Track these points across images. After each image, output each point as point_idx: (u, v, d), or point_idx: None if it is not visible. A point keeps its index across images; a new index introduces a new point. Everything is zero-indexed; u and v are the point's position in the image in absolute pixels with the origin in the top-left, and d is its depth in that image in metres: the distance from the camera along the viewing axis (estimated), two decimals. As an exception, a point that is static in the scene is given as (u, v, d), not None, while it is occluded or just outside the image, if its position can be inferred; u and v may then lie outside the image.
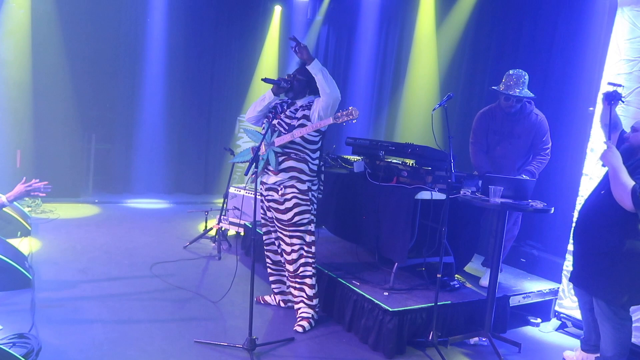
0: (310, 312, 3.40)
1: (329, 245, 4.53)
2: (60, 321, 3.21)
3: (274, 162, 3.27)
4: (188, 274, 4.30)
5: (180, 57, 7.48)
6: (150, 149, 7.47)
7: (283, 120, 3.33)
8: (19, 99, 6.18)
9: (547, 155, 3.86)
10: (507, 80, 3.75)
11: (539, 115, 3.84)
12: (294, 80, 3.33)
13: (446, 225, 3.22)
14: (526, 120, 3.82)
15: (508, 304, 3.70)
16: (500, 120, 3.88)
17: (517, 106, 3.75)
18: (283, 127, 3.31)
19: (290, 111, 3.35)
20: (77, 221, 5.70)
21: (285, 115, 3.34)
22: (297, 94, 3.35)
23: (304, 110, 3.29)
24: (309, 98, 3.36)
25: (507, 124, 3.86)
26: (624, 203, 2.71)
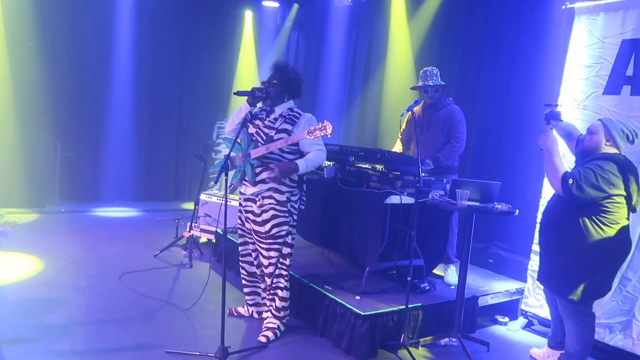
0: (276, 323, 3.36)
1: (300, 251, 4.53)
2: (25, 337, 3.12)
3: (251, 174, 3.21)
4: (159, 283, 4.24)
5: (148, 63, 7.39)
6: (118, 156, 7.34)
7: (261, 130, 3.26)
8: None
9: (457, 144, 4.10)
10: (422, 76, 4.17)
11: (455, 108, 4.16)
12: (269, 87, 3.26)
13: (415, 228, 3.28)
14: (442, 111, 4.15)
15: (477, 305, 3.79)
16: (422, 114, 4.25)
17: (436, 95, 4.12)
18: (261, 137, 3.24)
19: (269, 120, 3.28)
20: (43, 231, 5.55)
21: (264, 125, 3.27)
22: (275, 101, 3.29)
23: (285, 124, 3.21)
24: (288, 104, 3.31)
25: (427, 116, 4.23)
26: (554, 185, 2.84)
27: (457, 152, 4.10)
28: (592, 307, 3.06)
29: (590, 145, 2.93)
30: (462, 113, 4.14)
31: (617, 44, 3.46)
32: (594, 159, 2.85)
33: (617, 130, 2.88)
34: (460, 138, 4.08)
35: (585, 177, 2.73)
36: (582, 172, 2.76)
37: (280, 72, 3.29)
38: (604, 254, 2.85)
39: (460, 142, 4.08)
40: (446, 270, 4.11)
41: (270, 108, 3.34)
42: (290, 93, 3.33)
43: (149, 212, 7.06)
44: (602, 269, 2.90)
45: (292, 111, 3.29)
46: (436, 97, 4.15)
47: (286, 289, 3.38)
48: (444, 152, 4.08)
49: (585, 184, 2.73)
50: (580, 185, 2.73)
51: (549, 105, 3.11)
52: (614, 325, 3.40)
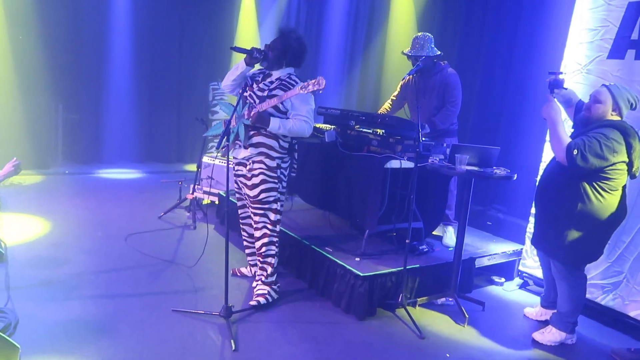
0: (266, 289, 3.38)
1: (302, 214, 4.61)
2: (36, 295, 3.24)
3: (244, 136, 3.20)
4: (163, 244, 4.34)
5: (148, 23, 7.27)
6: (120, 118, 7.34)
7: (255, 93, 3.25)
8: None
9: (453, 107, 4.10)
10: (412, 43, 4.15)
11: (451, 72, 4.13)
12: (268, 50, 3.22)
13: (415, 192, 3.33)
14: (437, 76, 4.11)
15: (474, 266, 3.88)
16: (417, 81, 4.21)
17: (420, 64, 4.01)
18: (254, 99, 3.23)
19: (264, 84, 3.25)
20: (48, 193, 5.63)
21: (258, 88, 3.25)
22: (272, 65, 3.25)
23: (279, 90, 3.17)
24: (287, 70, 3.27)
25: (422, 82, 4.18)
26: (558, 155, 2.85)
27: (453, 115, 4.10)
28: (585, 270, 3.15)
29: (596, 113, 2.89)
30: (458, 76, 4.11)
31: (623, 6, 3.40)
32: (597, 127, 2.83)
33: (624, 99, 2.86)
34: (455, 102, 4.07)
35: (590, 146, 2.73)
36: (586, 142, 2.74)
37: (283, 38, 3.23)
38: (601, 219, 2.90)
39: (455, 105, 4.08)
40: (445, 232, 4.19)
41: (267, 71, 3.32)
42: (289, 61, 3.27)
43: (151, 173, 7.13)
44: (598, 234, 2.96)
45: (289, 78, 3.23)
46: (429, 64, 4.09)
47: (276, 255, 3.41)
48: (440, 116, 4.08)
49: (590, 153, 2.72)
50: (584, 155, 2.73)
51: (553, 73, 3.07)
52: (606, 286, 3.50)
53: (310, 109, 3.22)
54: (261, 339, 2.97)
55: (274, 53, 3.22)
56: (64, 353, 2.65)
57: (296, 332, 3.08)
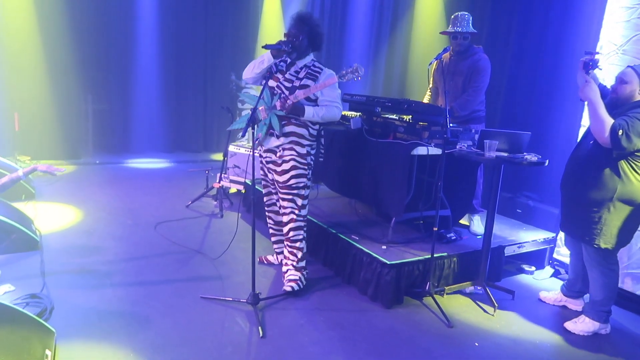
0: (297, 275, 3.41)
1: (328, 202, 4.60)
2: (70, 281, 3.33)
3: (278, 126, 3.19)
4: (192, 233, 4.40)
5: (174, 13, 7.35)
6: (148, 108, 7.46)
7: (282, 84, 3.23)
8: (16, 62, 6.12)
9: (474, 93, 3.98)
10: (453, 21, 4.05)
11: (482, 56, 4.01)
12: (295, 41, 3.18)
13: (442, 179, 3.28)
14: (469, 59, 4.02)
15: (503, 254, 3.81)
16: (449, 62, 4.14)
17: (465, 43, 3.99)
18: (282, 90, 3.21)
19: (290, 74, 3.24)
20: (80, 183, 5.77)
21: (284, 78, 3.23)
22: (300, 55, 3.24)
23: (307, 79, 3.17)
24: (310, 56, 3.27)
25: (453, 64, 4.11)
26: (601, 137, 2.78)
27: (472, 102, 3.98)
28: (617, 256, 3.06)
29: (624, 94, 2.85)
30: (489, 62, 3.99)
31: (663, -18, 3.24)
32: (634, 108, 2.78)
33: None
34: (478, 87, 3.95)
35: (633, 127, 2.71)
36: (628, 122, 2.72)
37: (308, 26, 3.19)
38: (636, 200, 2.85)
39: (477, 91, 3.96)
40: (471, 220, 4.12)
41: (291, 60, 3.28)
42: (314, 47, 3.27)
43: (179, 163, 7.23)
44: (633, 216, 2.90)
45: (314, 66, 3.23)
46: (465, 44, 4.01)
47: (304, 239, 3.44)
48: (459, 102, 3.99)
49: (634, 134, 2.71)
50: (629, 135, 2.71)
51: (589, 53, 2.95)
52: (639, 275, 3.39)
53: (339, 93, 3.25)
54: (288, 326, 2.99)
55: (300, 44, 3.19)
56: (98, 338, 2.72)
57: (322, 320, 3.08)
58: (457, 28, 3.98)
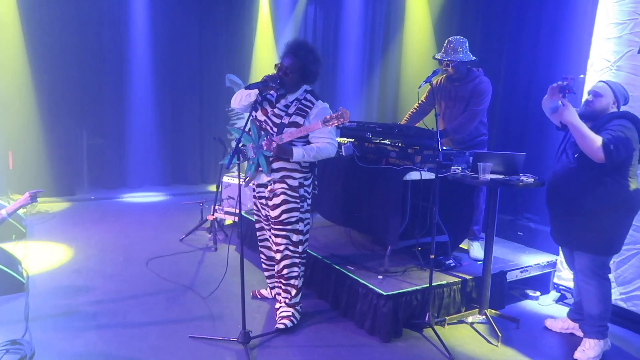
0: (290, 311, 3.26)
1: (323, 231, 4.49)
2: (55, 324, 3.20)
3: (266, 167, 3.07)
4: (183, 268, 4.28)
5: (167, 47, 7.40)
6: (143, 141, 7.43)
7: (270, 119, 3.08)
8: (8, 99, 6.13)
9: (471, 115, 3.86)
10: (446, 46, 3.91)
11: (482, 80, 3.91)
12: (285, 76, 3.02)
13: (437, 204, 3.17)
14: (471, 84, 3.90)
15: (505, 280, 3.67)
16: (447, 87, 4.02)
17: (463, 69, 3.88)
18: (270, 126, 3.08)
19: (279, 108, 3.09)
20: (73, 219, 5.69)
21: (273, 112, 3.09)
22: (290, 89, 3.09)
23: (296, 116, 3.02)
24: (303, 89, 3.10)
25: (454, 90, 3.98)
26: (594, 155, 2.77)
27: (467, 125, 3.86)
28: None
29: (600, 107, 2.91)
30: (490, 85, 3.88)
31: (652, -3, 3.19)
32: (611, 120, 2.84)
33: (621, 93, 2.92)
34: (474, 111, 3.85)
35: (619, 139, 2.73)
36: (614, 135, 2.75)
37: (298, 60, 3.01)
38: (625, 207, 2.87)
39: (473, 114, 3.85)
40: (471, 245, 3.99)
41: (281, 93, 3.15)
42: (307, 82, 3.13)
43: (176, 196, 7.15)
44: (623, 222, 2.90)
45: (305, 99, 3.07)
46: (462, 70, 3.90)
47: (300, 276, 3.28)
48: (454, 125, 3.89)
49: (621, 145, 2.73)
50: (619, 148, 2.73)
51: (566, 78, 2.94)
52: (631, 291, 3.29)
53: (332, 129, 3.06)
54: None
55: (291, 79, 3.03)
56: (77, 386, 2.58)
57: (317, 357, 2.93)
58: (445, 56, 3.87)
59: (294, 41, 3.14)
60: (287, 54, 3.06)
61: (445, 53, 3.90)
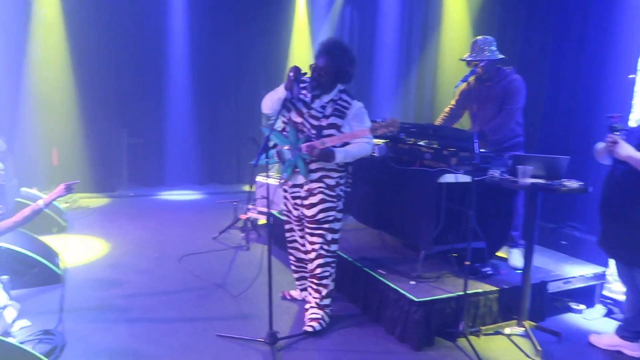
0: (319, 313, 3.20)
1: (355, 233, 4.41)
2: (87, 316, 3.26)
3: (304, 171, 3.04)
4: (215, 266, 4.29)
5: (205, 47, 7.51)
6: (182, 141, 7.58)
7: (307, 120, 3.05)
8: (53, 98, 6.36)
9: (507, 116, 3.70)
10: (473, 46, 3.80)
11: (516, 78, 3.74)
12: (319, 77, 2.99)
13: (474, 208, 3.04)
14: (502, 83, 3.75)
15: (546, 291, 3.47)
16: (478, 88, 3.86)
17: (491, 69, 3.73)
18: (307, 127, 3.05)
19: (316, 110, 3.05)
20: (112, 215, 5.82)
21: (309, 114, 3.06)
22: (325, 90, 3.05)
23: (334, 117, 2.99)
24: (338, 88, 3.05)
25: (485, 90, 3.83)
26: None
27: (504, 125, 3.70)
28: None
29: None
30: (523, 83, 3.73)
31: None
32: None
33: None
34: (511, 110, 3.68)
35: None
36: None
37: (334, 60, 2.97)
38: None
39: (510, 114, 3.69)
40: (510, 252, 3.81)
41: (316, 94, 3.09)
42: (341, 82, 3.07)
43: (212, 194, 7.22)
44: None
45: (341, 99, 3.03)
46: (491, 70, 3.76)
47: (332, 276, 3.23)
48: (491, 125, 3.72)
49: None
50: None
51: (612, 116, 2.81)
52: None
53: (368, 125, 3.04)
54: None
55: (325, 79, 3.00)
56: (105, 379, 2.60)
57: (344, 363, 2.86)
58: (471, 56, 3.74)
59: (328, 40, 3.09)
60: (322, 54, 3.02)
61: (472, 53, 3.77)
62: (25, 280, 3.54)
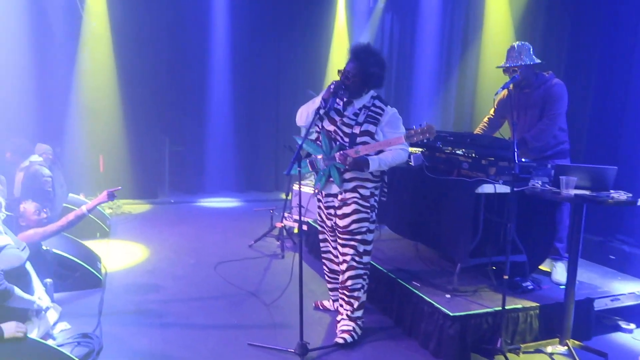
0: (351, 325, 3.14)
1: (390, 243, 4.33)
2: (124, 320, 3.33)
3: (338, 180, 3.02)
4: (250, 274, 4.31)
5: (245, 57, 7.63)
6: (222, 149, 7.71)
7: (340, 128, 3.04)
8: (100, 107, 6.62)
9: (549, 121, 3.56)
10: (509, 53, 3.73)
11: (556, 82, 3.60)
12: (347, 81, 2.99)
13: (514, 220, 2.92)
14: (541, 89, 3.64)
15: (592, 308, 3.28)
16: (517, 95, 3.78)
17: (528, 74, 3.63)
18: (341, 136, 3.03)
19: (349, 117, 3.04)
20: (153, 221, 5.97)
21: (342, 122, 3.05)
22: (353, 94, 3.04)
23: (368, 124, 2.97)
24: (369, 94, 3.05)
25: (524, 97, 3.73)
26: None
27: (548, 131, 3.56)
28: None
29: None
30: (564, 87, 3.59)
31: None
32: None
33: None
34: (553, 115, 3.54)
35: None
36: None
37: (361, 64, 2.96)
38: None
39: (552, 120, 3.54)
40: (554, 266, 3.64)
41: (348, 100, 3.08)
42: (371, 87, 3.05)
43: (250, 202, 7.30)
44: None
45: (374, 105, 3.01)
46: (530, 76, 3.64)
47: (364, 288, 3.16)
48: (532, 132, 3.58)
49: None
50: None
51: None
52: None
53: (403, 131, 3.01)
54: (337, 381, 2.73)
55: (353, 82, 2.98)
56: (137, 384, 2.64)
57: (376, 377, 2.79)
58: (508, 62, 3.65)
59: (355, 45, 3.11)
60: (350, 59, 3.04)
61: (509, 60, 3.68)
62: (68, 284, 3.66)
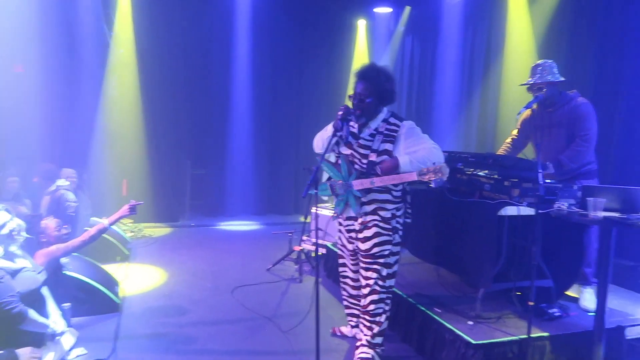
0: (370, 353, 3.03)
1: (410, 267, 4.22)
2: (139, 346, 3.29)
3: (356, 207, 2.97)
4: (267, 298, 4.24)
5: (267, 79, 7.74)
6: (242, 172, 7.76)
7: (357, 152, 3.00)
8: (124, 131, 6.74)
9: (585, 143, 3.44)
10: (533, 70, 3.66)
11: (582, 102, 3.51)
12: (361, 103, 2.95)
13: (538, 244, 2.80)
14: (565, 107, 3.57)
15: (624, 336, 3.10)
16: (541, 114, 3.70)
17: (552, 93, 3.56)
18: (358, 159, 2.99)
19: (364, 139, 3.00)
20: (172, 245, 5.98)
21: (359, 145, 3.00)
22: (369, 116, 2.99)
23: (385, 144, 2.91)
24: (383, 115, 3.00)
25: (547, 116, 3.66)
26: None
27: (585, 152, 3.46)
28: None
29: None
30: (591, 106, 3.50)
31: None
32: None
33: None
34: (588, 136, 3.44)
35: None
36: None
37: (370, 83, 2.95)
38: None
39: (588, 140, 3.44)
40: (582, 292, 3.47)
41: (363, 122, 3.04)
42: (385, 104, 3.02)
43: (269, 225, 7.28)
44: None
45: (388, 123, 2.96)
46: (554, 94, 3.56)
47: (386, 314, 3.07)
48: (568, 153, 3.48)
49: None
50: None
51: None
52: None
53: (427, 136, 2.93)
54: (354, 412, 2.63)
55: (367, 104, 2.95)
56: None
57: (395, 408, 2.67)
58: (533, 79, 3.59)
59: (360, 67, 3.08)
60: (358, 81, 3.01)
61: (533, 77, 3.62)
62: (86, 308, 3.65)
